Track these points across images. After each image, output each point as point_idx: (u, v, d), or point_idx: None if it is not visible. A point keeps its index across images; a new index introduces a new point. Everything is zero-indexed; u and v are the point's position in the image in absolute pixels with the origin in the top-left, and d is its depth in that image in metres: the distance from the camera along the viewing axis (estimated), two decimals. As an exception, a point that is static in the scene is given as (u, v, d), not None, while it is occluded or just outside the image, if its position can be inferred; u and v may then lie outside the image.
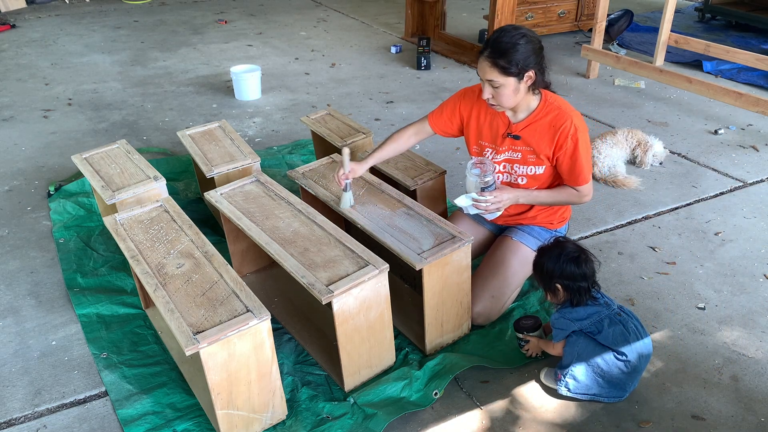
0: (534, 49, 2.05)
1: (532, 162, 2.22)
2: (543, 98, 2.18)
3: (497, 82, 2.06)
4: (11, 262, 2.71)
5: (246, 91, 4.46)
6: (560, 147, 2.15)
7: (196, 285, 1.87)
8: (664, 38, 4.82)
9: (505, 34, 2.04)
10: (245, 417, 1.83)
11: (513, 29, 2.05)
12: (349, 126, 3.08)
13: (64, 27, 6.29)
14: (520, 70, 2.03)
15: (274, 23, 6.51)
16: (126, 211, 2.25)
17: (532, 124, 2.18)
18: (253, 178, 2.46)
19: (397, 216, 2.21)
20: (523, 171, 2.25)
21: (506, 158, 2.26)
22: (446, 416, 1.97)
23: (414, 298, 2.43)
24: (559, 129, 2.13)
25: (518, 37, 2.02)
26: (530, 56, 2.03)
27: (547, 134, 2.16)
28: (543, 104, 2.18)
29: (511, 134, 2.21)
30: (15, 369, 2.16)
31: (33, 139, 3.85)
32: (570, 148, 2.14)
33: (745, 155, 3.69)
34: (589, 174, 2.21)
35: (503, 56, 2.01)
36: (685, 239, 2.89)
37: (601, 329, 1.94)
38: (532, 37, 2.06)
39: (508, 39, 2.02)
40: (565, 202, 2.28)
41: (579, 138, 2.13)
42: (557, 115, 2.15)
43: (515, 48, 2.01)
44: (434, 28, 5.79)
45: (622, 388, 1.99)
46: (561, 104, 2.18)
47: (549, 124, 2.15)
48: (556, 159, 2.18)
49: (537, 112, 2.17)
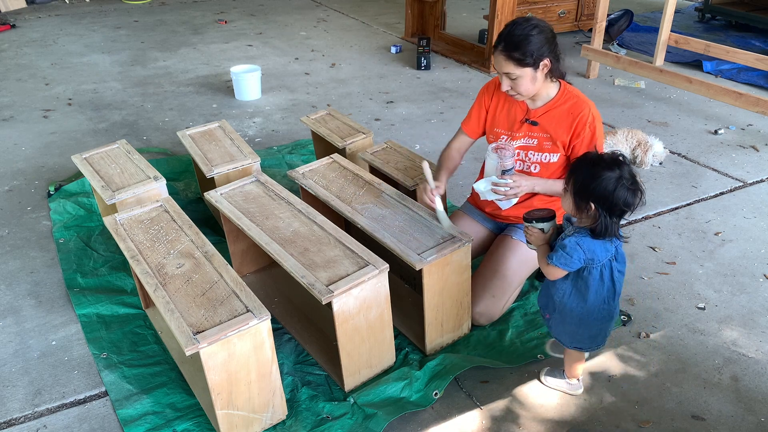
0: (547, 38, 2.09)
1: (548, 149, 2.24)
2: (562, 87, 2.22)
3: (514, 74, 2.10)
4: (11, 262, 2.71)
5: (246, 91, 4.46)
6: (578, 135, 2.18)
7: (196, 285, 1.87)
8: (664, 38, 4.82)
9: (517, 26, 2.08)
10: (245, 417, 1.83)
11: (524, 21, 2.09)
12: (349, 126, 3.08)
13: (64, 27, 6.29)
14: (535, 59, 2.07)
15: (274, 23, 6.50)
16: (126, 211, 2.25)
17: (551, 110, 2.21)
18: (253, 178, 2.46)
19: (398, 216, 2.21)
20: (537, 158, 2.26)
21: (521, 145, 2.28)
22: (446, 416, 1.97)
23: (414, 298, 2.43)
24: (577, 116, 2.16)
25: (530, 28, 2.06)
26: (543, 45, 2.07)
27: (566, 121, 2.19)
28: (562, 92, 2.21)
29: (529, 120, 2.24)
30: (15, 369, 2.16)
31: (33, 139, 3.85)
32: (588, 136, 2.17)
33: (745, 155, 3.69)
34: None
35: (517, 48, 2.06)
36: (685, 239, 2.89)
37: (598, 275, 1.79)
38: (544, 26, 2.10)
39: (520, 31, 2.06)
40: None
41: (597, 126, 2.17)
42: (575, 103, 2.18)
43: (528, 39, 2.05)
44: (434, 28, 5.79)
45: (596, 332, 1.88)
46: (578, 93, 2.22)
47: (567, 112, 2.19)
48: (572, 147, 2.20)
49: (556, 100, 2.21)
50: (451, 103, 4.46)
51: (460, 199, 3.17)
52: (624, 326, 2.34)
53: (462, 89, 4.73)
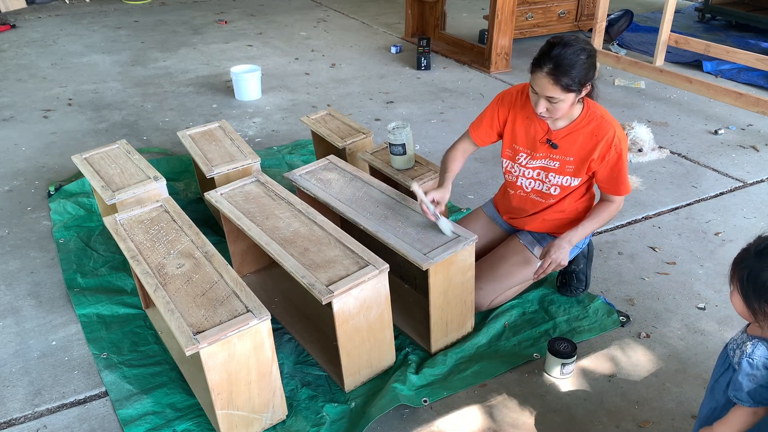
0: (593, 63, 1.98)
1: (569, 173, 2.17)
2: (585, 106, 2.11)
3: (556, 99, 1.98)
4: (11, 262, 2.71)
5: (246, 91, 4.46)
6: (603, 157, 2.09)
7: (196, 285, 1.87)
8: (664, 38, 4.82)
9: (568, 49, 1.94)
10: (245, 417, 1.83)
11: (574, 42, 1.96)
12: (349, 126, 3.08)
13: (64, 27, 6.29)
14: (581, 85, 1.98)
15: (274, 23, 6.50)
16: (126, 211, 2.25)
17: (573, 132, 2.12)
18: (253, 178, 2.46)
19: (399, 216, 2.21)
20: (558, 181, 2.19)
21: (541, 165, 2.21)
22: (446, 416, 1.97)
23: (415, 298, 2.43)
24: (602, 139, 2.07)
25: (580, 52, 1.94)
26: (590, 70, 1.98)
27: (589, 144, 2.10)
28: (585, 113, 2.11)
29: (550, 141, 2.15)
30: (15, 369, 2.16)
31: (33, 139, 3.85)
32: (613, 159, 2.09)
33: (745, 155, 3.69)
34: (629, 183, 2.17)
35: (566, 74, 1.93)
36: (685, 239, 2.89)
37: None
38: (591, 50, 1.99)
39: (571, 55, 1.93)
40: (608, 217, 2.21)
41: (623, 148, 2.08)
42: (599, 125, 2.08)
43: (577, 64, 1.94)
44: (434, 28, 5.79)
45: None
46: (603, 113, 2.11)
47: (591, 134, 2.09)
48: (596, 170, 2.13)
49: (579, 121, 2.11)
50: (452, 103, 4.46)
51: (461, 199, 3.18)
52: (624, 326, 2.34)
53: (462, 89, 4.73)
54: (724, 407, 1.44)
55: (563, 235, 2.19)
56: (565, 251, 2.16)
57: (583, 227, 2.20)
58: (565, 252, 2.16)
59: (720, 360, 1.48)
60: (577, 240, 2.20)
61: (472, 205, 3.09)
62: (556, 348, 2.07)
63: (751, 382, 1.33)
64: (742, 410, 1.37)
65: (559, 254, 2.15)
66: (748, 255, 1.35)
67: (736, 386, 1.35)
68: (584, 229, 2.20)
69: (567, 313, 2.38)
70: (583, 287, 2.44)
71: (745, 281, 1.33)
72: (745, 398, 1.34)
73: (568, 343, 2.09)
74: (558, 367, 2.07)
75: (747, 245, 1.38)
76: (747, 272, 1.32)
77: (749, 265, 1.33)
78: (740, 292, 1.35)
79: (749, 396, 1.33)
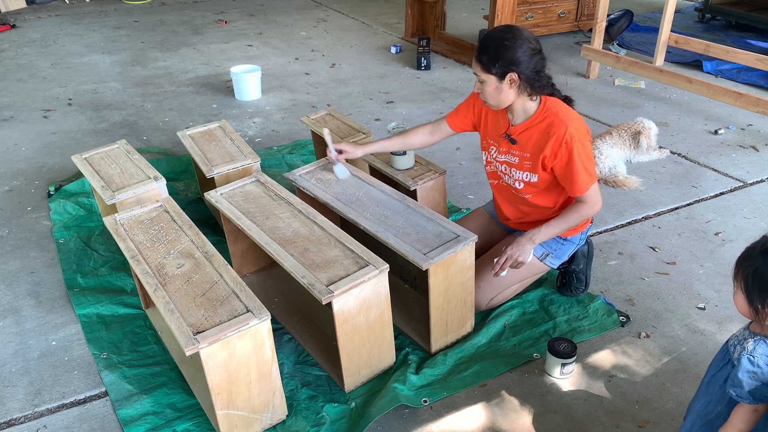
0: (524, 52, 1.99)
1: (528, 168, 2.17)
2: (542, 104, 2.11)
3: (480, 78, 2.06)
4: (11, 262, 2.71)
5: (246, 91, 4.46)
6: (555, 155, 2.07)
7: (196, 285, 1.87)
8: (664, 38, 4.82)
9: (496, 31, 2.04)
10: (245, 417, 1.83)
11: (506, 28, 2.04)
12: (349, 126, 3.08)
13: (64, 27, 6.29)
14: (502, 69, 2.00)
15: (274, 23, 6.50)
16: (126, 211, 2.25)
17: (528, 129, 2.13)
18: (253, 178, 2.46)
19: (399, 217, 2.21)
20: (519, 176, 2.20)
21: (505, 160, 2.24)
22: (446, 416, 1.97)
23: (415, 298, 2.43)
24: (552, 136, 2.05)
25: (508, 36, 1.99)
26: (516, 58, 1.99)
27: (541, 140, 2.09)
28: (540, 110, 2.10)
29: (509, 136, 2.18)
30: (15, 369, 2.16)
31: (33, 139, 3.85)
32: (565, 156, 2.06)
33: (745, 155, 3.69)
34: (587, 182, 2.08)
35: (485, 53, 2.02)
36: (685, 239, 2.89)
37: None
38: (525, 38, 2.00)
39: (495, 36, 2.02)
40: (578, 219, 2.17)
41: (574, 146, 2.03)
42: (552, 122, 2.06)
43: (501, 46, 1.99)
44: (434, 28, 5.79)
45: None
46: (560, 111, 2.08)
47: (544, 130, 2.09)
48: (553, 168, 2.11)
49: (534, 117, 2.11)
50: (451, 103, 4.46)
51: (461, 199, 3.18)
52: (624, 326, 2.34)
53: (462, 89, 4.73)
54: (718, 401, 1.45)
55: (527, 233, 2.16)
56: (526, 249, 2.13)
57: (548, 227, 2.16)
58: (526, 249, 2.13)
59: (719, 354, 1.49)
60: (540, 239, 2.15)
61: (472, 205, 3.10)
62: (556, 348, 2.07)
63: (751, 379, 1.35)
64: (744, 409, 1.39)
65: (515, 250, 2.12)
66: (753, 253, 1.36)
67: (735, 382, 1.37)
68: (549, 228, 2.16)
69: (567, 313, 2.38)
70: (583, 287, 2.44)
71: (750, 279, 1.34)
72: (746, 396, 1.36)
73: (568, 343, 2.09)
74: (558, 367, 2.07)
75: (752, 244, 1.39)
76: (752, 270, 1.33)
77: (755, 263, 1.34)
78: (744, 290, 1.36)
79: (750, 394, 1.35)
